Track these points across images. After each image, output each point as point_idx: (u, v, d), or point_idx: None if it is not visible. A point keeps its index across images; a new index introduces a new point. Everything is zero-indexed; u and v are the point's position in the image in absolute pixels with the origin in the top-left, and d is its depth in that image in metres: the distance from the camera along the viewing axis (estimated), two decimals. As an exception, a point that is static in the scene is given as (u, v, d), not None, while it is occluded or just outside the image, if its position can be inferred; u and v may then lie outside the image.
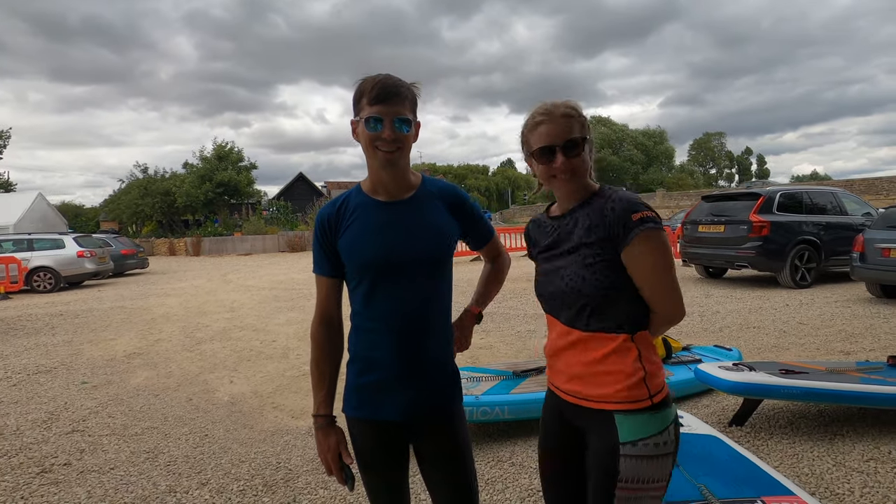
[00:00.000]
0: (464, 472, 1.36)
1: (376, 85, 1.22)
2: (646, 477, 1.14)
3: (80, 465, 3.00)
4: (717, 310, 6.74)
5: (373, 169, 1.30)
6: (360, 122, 1.24)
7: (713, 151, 72.46)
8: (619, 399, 1.16)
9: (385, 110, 1.21)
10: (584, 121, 1.23)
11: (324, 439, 1.35)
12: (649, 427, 1.15)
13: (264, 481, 2.73)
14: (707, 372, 3.11)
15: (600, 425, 1.18)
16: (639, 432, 1.14)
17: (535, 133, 1.22)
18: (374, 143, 1.24)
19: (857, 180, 22.98)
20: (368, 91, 1.22)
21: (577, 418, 1.25)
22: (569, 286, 1.20)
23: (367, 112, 1.22)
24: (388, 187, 1.32)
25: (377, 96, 1.21)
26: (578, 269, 1.19)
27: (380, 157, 1.25)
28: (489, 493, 2.51)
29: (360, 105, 1.25)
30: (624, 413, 1.15)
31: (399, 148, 1.25)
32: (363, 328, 1.34)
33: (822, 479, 2.51)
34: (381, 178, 1.30)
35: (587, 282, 1.17)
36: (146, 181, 31.89)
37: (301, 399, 4.03)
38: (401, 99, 1.23)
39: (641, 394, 1.16)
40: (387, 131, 1.22)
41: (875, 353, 4.50)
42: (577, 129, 1.20)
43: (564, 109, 1.21)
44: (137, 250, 17.06)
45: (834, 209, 8.74)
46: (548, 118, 1.20)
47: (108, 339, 6.50)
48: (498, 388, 3.17)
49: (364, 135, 1.24)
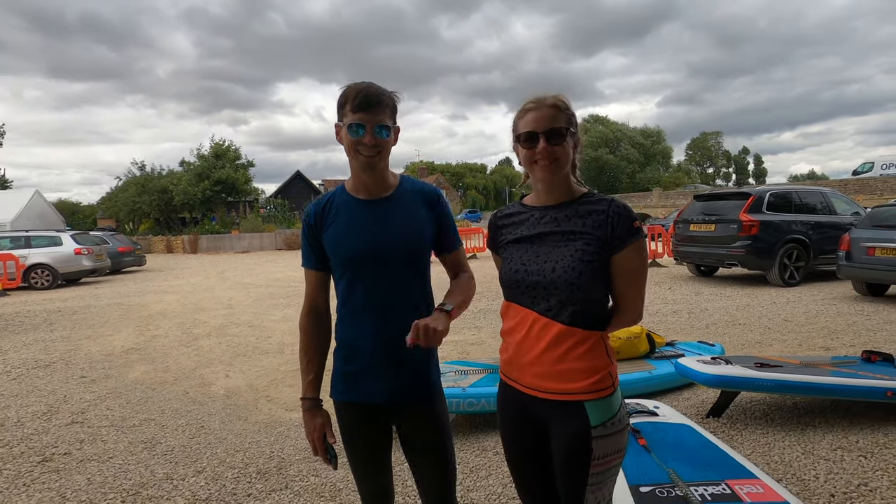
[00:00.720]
0: (443, 450, 1.47)
1: (359, 93, 1.32)
2: (612, 450, 1.25)
3: (79, 455, 3.10)
4: (706, 307, 6.87)
5: (355, 170, 1.41)
6: (344, 127, 1.35)
7: (710, 151, 72.66)
8: (590, 390, 1.25)
9: (367, 118, 1.31)
10: (572, 116, 1.28)
11: (310, 420, 1.46)
12: (612, 408, 1.26)
13: (258, 469, 2.83)
14: (686, 365, 3.23)
15: (569, 414, 1.26)
16: (605, 415, 1.25)
17: (522, 120, 1.28)
18: (356, 148, 1.34)
19: (853, 180, 23.13)
20: (352, 99, 1.32)
21: (542, 410, 1.31)
22: (561, 278, 1.23)
23: (350, 118, 1.33)
24: (368, 187, 1.42)
25: (360, 104, 1.31)
26: (575, 263, 1.23)
27: (361, 161, 1.36)
28: (473, 479, 2.63)
29: (343, 111, 1.35)
30: (593, 401, 1.25)
31: (378, 152, 1.35)
32: (347, 318, 1.44)
33: (790, 466, 2.63)
34: (361, 179, 1.41)
35: (583, 276, 1.22)
36: (143, 179, 31.89)
37: (294, 393, 4.14)
38: (382, 107, 1.33)
39: (607, 383, 1.27)
40: (368, 137, 1.32)
41: (854, 349, 4.62)
42: (563, 121, 1.25)
43: (553, 101, 1.27)
44: (135, 248, 17.12)
45: (823, 209, 8.87)
46: (536, 106, 1.27)
47: (105, 335, 6.59)
48: (484, 381, 3.28)
49: (347, 139, 1.35)
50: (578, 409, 1.25)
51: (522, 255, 1.32)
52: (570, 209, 1.30)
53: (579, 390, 1.25)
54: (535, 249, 1.31)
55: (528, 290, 1.29)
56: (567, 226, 1.28)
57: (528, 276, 1.29)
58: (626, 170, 56.05)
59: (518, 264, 1.32)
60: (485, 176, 67.27)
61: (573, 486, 1.26)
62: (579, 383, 1.25)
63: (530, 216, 1.36)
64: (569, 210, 1.30)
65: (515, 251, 1.35)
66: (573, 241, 1.26)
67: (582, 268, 1.23)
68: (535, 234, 1.32)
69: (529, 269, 1.29)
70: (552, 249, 1.28)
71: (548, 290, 1.26)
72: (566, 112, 1.27)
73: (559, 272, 1.24)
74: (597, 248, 1.24)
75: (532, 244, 1.32)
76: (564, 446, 1.27)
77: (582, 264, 1.23)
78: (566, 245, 1.26)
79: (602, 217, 1.25)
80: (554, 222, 1.30)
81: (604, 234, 1.24)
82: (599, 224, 1.25)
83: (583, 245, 1.24)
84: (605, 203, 1.27)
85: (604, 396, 1.25)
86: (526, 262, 1.30)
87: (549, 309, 1.26)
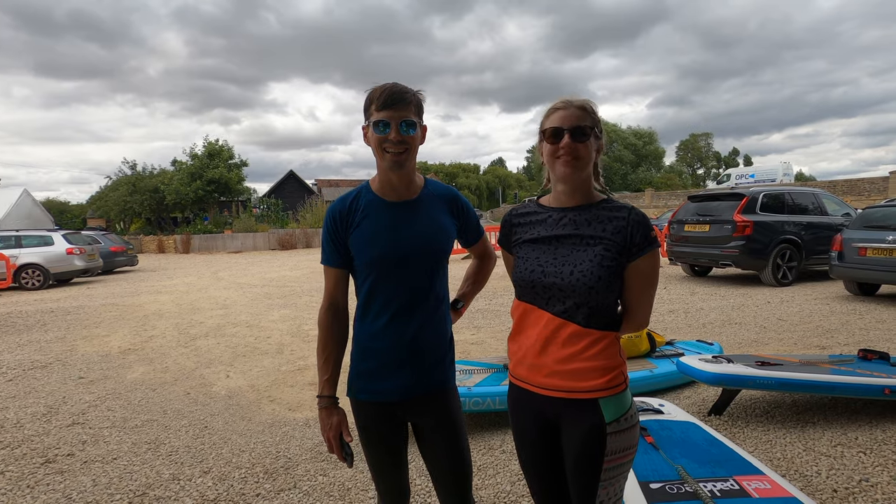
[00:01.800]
0: (458, 444, 1.48)
1: (384, 92, 1.34)
2: (625, 445, 1.28)
3: (83, 456, 3.07)
4: (702, 307, 6.94)
5: (382, 170, 1.42)
6: (370, 126, 1.36)
7: (700, 152, 73.28)
8: (604, 387, 1.27)
9: (391, 114, 1.33)
10: (597, 118, 1.32)
11: (327, 418, 1.47)
12: (625, 404, 1.29)
13: (265, 469, 2.83)
14: (688, 364, 3.27)
15: (583, 411, 1.28)
16: (618, 411, 1.27)
17: (549, 118, 1.32)
18: (382, 145, 1.36)
19: (840, 181, 23.41)
20: (377, 98, 1.34)
21: (555, 408, 1.31)
22: (580, 282, 1.24)
23: (375, 116, 1.34)
24: (395, 188, 1.44)
25: (385, 102, 1.33)
26: (594, 268, 1.24)
27: (388, 159, 1.37)
28: (481, 478, 2.64)
29: (369, 111, 1.37)
30: (607, 398, 1.27)
31: (406, 149, 1.37)
32: (366, 316, 1.46)
33: (792, 462, 2.67)
34: (389, 179, 1.42)
35: (602, 281, 1.24)
36: (134, 178, 31.55)
37: (297, 392, 4.13)
38: (406, 104, 1.35)
39: (619, 380, 1.29)
40: (393, 133, 1.34)
41: (849, 348, 4.70)
42: (588, 121, 1.29)
43: (581, 103, 1.31)
44: (127, 247, 16.94)
45: (815, 209, 9.00)
46: (564, 106, 1.30)
47: (101, 336, 6.53)
48: (489, 381, 3.30)
49: (373, 138, 1.36)
50: (593, 405, 1.27)
51: (539, 256, 1.32)
52: (589, 213, 1.32)
53: (593, 388, 1.27)
54: (553, 251, 1.31)
55: (543, 292, 1.30)
56: (587, 230, 1.30)
57: (544, 276, 1.29)
58: (619, 171, 56.35)
59: (535, 265, 1.32)
60: (478, 176, 67.35)
61: (586, 483, 1.28)
62: (593, 381, 1.27)
63: (548, 217, 1.36)
64: (588, 214, 1.32)
65: (532, 251, 1.35)
66: (593, 246, 1.27)
67: (601, 273, 1.24)
68: (552, 236, 1.33)
69: (546, 271, 1.29)
70: (571, 252, 1.29)
71: (564, 292, 1.27)
72: (592, 115, 1.31)
73: (577, 276, 1.25)
74: (615, 255, 1.26)
75: (550, 245, 1.32)
76: (578, 443, 1.28)
77: (601, 269, 1.25)
78: (585, 249, 1.28)
79: (622, 224, 1.27)
80: (573, 225, 1.31)
81: (623, 241, 1.26)
82: (619, 230, 1.27)
83: (602, 250, 1.26)
84: (625, 211, 1.29)
85: (617, 393, 1.28)
86: (543, 264, 1.31)
87: (565, 311, 1.27)
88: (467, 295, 1.73)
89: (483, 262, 1.75)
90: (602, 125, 1.34)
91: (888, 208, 7.07)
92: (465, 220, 1.56)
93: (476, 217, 1.61)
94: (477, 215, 1.63)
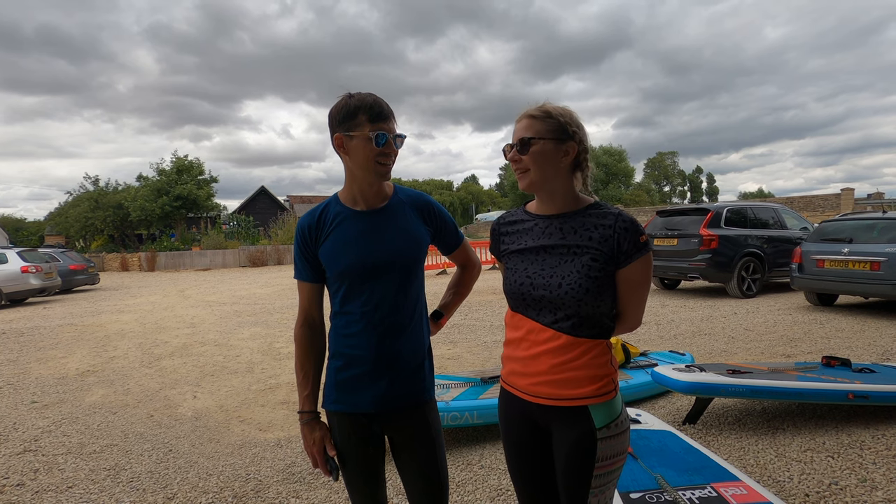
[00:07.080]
0: (434, 458, 1.44)
1: (375, 104, 1.32)
2: (615, 451, 1.26)
3: (34, 485, 2.87)
4: (672, 318, 7.09)
5: (359, 180, 1.39)
6: (358, 137, 1.32)
7: (667, 170, 75.91)
8: (595, 394, 1.26)
9: (388, 127, 1.33)
10: (559, 122, 1.26)
11: (309, 434, 1.42)
12: (615, 411, 1.28)
13: (234, 493, 2.70)
14: (662, 374, 3.31)
15: (573, 418, 1.26)
16: (609, 417, 1.26)
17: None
18: (376, 158, 1.33)
19: (797, 198, 24.61)
20: (368, 109, 1.31)
21: (546, 416, 1.30)
22: (568, 294, 1.22)
23: (370, 128, 1.31)
24: (367, 197, 1.41)
25: (380, 114, 1.32)
26: (582, 279, 1.22)
27: (378, 171, 1.35)
28: (460, 494, 2.59)
29: (354, 121, 1.32)
30: (597, 404, 1.26)
31: (393, 161, 1.38)
32: (342, 328, 1.41)
33: (765, 468, 2.72)
34: (363, 190, 1.40)
35: (590, 293, 1.21)
36: (97, 193, 30.45)
37: (268, 412, 3.99)
38: (393, 118, 1.37)
39: (610, 388, 1.28)
40: (391, 147, 1.34)
41: (812, 356, 4.87)
42: (534, 131, 1.25)
43: (530, 111, 1.29)
44: (88, 265, 16.23)
45: (776, 224, 9.38)
46: (518, 119, 1.31)
47: (57, 357, 6.19)
48: (467, 395, 3.26)
49: (368, 150, 1.32)
50: (583, 412, 1.25)
51: (528, 268, 1.31)
52: (575, 220, 1.28)
53: (584, 395, 1.25)
54: (541, 262, 1.29)
55: (533, 304, 1.28)
56: (573, 239, 1.26)
57: (533, 289, 1.28)
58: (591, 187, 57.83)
59: (523, 276, 1.30)
60: (451, 192, 67.96)
61: (576, 490, 1.26)
62: (584, 389, 1.25)
63: (534, 225, 1.34)
64: (574, 221, 1.28)
65: (520, 262, 1.33)
66: (579, 256, 1.24)
67: (588, 284, 1.22)
68: (539, 246, 1.30)
69: (535, 283, 1.28)
70: (558, 263, 1.26)
71: (554, 304, 1.25)
72: (546, 121, 1.26)
73: (565, 288, 1.23)
74: (603, 264, 1.23)
75: (538, 255, 1.30)
76: (569, 449, 1.26)
77: (588, 280, 1.22)
78: (572, 260, 1.25)
79: (608, 231, 1.23)
80: (559, 234, 1.29)
81: (610, 250, 1.23)
82: (605, 239, 1.23)
83: (589, 260, 1.23)
84: (611, 217, 1.25)
85: (608, 400, 1.27)
86: (531, 275, 1.29)
87: (556, 321, 1.25)
88: (449, 306, 1.67)
89: (465, 272, 1.68)
90: (568, 127, 1.27)
91: (842, 222, 7.43)
92: (440, 225, 1.51)
93: (453, 221, 1.58)
94: (454, 220, 1.61)
